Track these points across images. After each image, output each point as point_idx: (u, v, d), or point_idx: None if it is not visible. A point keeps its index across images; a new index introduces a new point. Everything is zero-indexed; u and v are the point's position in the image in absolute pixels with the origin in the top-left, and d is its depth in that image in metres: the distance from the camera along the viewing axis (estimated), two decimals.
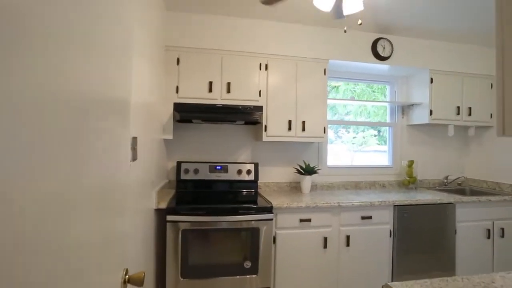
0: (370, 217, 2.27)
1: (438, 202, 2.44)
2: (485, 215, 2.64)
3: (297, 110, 2.48)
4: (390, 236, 2.34)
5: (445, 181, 3.18)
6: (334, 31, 2.60)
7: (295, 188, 2.77)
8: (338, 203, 2.19)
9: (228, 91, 2.35)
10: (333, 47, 2.59)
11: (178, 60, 2.31)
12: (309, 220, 2.15)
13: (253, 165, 2.59)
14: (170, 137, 2.32)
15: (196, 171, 2.49)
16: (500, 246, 2.68)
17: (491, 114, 3.06)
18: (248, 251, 2.00)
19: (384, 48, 2.64)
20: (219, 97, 2.35)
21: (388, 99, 3.08)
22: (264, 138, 2.42)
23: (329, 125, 2.85)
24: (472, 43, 2.96)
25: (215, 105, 2.31)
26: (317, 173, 2.59)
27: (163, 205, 1.95)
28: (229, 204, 2.13)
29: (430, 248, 2.43)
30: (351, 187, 2.93)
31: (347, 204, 2.21)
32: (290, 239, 2.12)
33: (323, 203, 2.16)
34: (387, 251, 2.33)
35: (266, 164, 2.74)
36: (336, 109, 3.06)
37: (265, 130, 2.42)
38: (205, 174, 2.51)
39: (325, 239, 2.17)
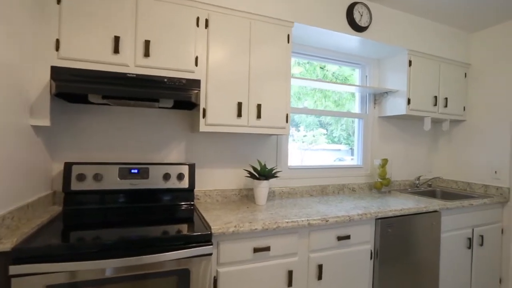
0: (348, 237, 1.67)
1: (424, 210, 1.96)
2: (467, 222, 2.26)
3: (251, 89, 1.76)
4: (371, 258, 1.78)
5: (417, 182, 2.78)
6: None
7: (247, 197, 2.06)
8: (307, 220, 1.53)
9: (147, 54, 1.53)
10: (299, 7, 1.93)
11: None
12: (267, 249, 1.45)
13: (187, 166, 1.81)
14: (46, 123, 1.42)
15: (97, 177, 1.62)
16: (479, 256, 2.33)
17: (464, 107, 2.74)
18: None
19: (361, 15, 2.07)
20: (131, 63, 1.52)
21: (357, 89, 2.53)
22: (202, 128, 1.65)
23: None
24: (451, 25, 2.57)
25: (124, 74, 1.47)
26: (276, 176, 1.92)
27: (8, 246, 1.06)
28: (140, 230, 1.31)
29: (414, 269, 1.94)
30: (317, 193, 2.33)
31: (319, 221, 1.57)
32: (239, 279, 1.40)
33: (287, 222, 1.49)
34: (367, 278, 1.76)
35: (206, 165, 1.97)
36: None
37: (204, 116, 1.65)
38: (112, 182, 1.65)
39: (290, 273, 1.51)
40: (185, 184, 1.78)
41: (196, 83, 1.60)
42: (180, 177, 1.77)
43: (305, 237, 1.57)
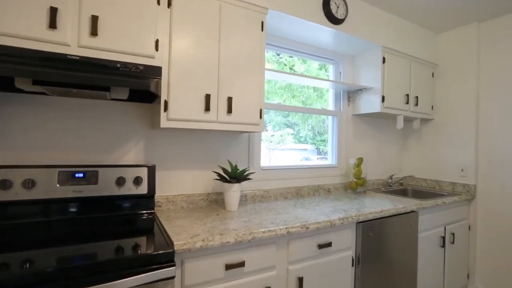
0: (329, 244, 1.53)
1: (403, 211, 1.89)
2: (440, 220, 2.25)
3: (220, 80, 1.55)
4: (353, 265, 1.65)
5: (390, 181, 2.76)
6: None
7: (216, 202, 1.84)
8: (286, 228, 1.36)
9: (94, 32, 1.25)
10: None
11: None
12: (241, 264, 1.25)
13: (146, 169, 1.55)
14: None
15: (28, 183, 1.30)
16: (450, 254, 2.34)
17: (432, 106, 2.77)
18: None
19: (338, 7, 1.96)
20: (73, 42, 1.22)
21: (331, 85, 2.41)
22: (164, 123, 1.40)
23: None
24: (420, 24, 2.58)
25: (64, 55, 1.18)
26: (249, 179, 1.73)
27: None
28: (83, 249, 1.03)
29: (394, 272, 1.86)
30: (292, 195, 2.18)
31: (299, 228, 1.40)
32: None
33: (264, 231, 1.30)
34: (348, 287, 1.63)
35: (169, 166, 1.72)
36: None
37: (166, 110, 1.41)
38: (49, 189, 1.34)
39: None
40: (143, 189, 1.52)
41: (156, 71, 1.35)
42: (137, 181, 1.50)
43: (284, 247, 1.39)
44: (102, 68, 1.23)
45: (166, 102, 1.40)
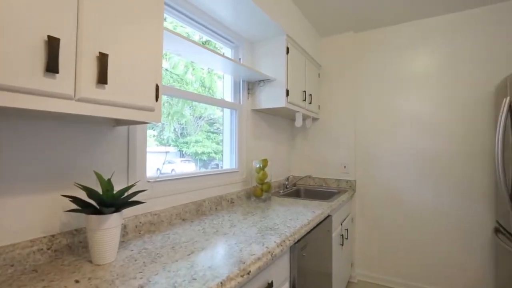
0: (271, 285, 1.06)
1: (322, 218, 1.68)
2: (340, 218, 2.23)
3: (84, 19, 0.79)
4: None
5: (287, 182, 2.60)
6: None
7: (70, 251, 1.01)
8: (221, 284, 0.79)
9: None
10: None
11: None
12: None
13: None
14: None
15: None
16: (345, 249, 2.39)
17: (319, 106, 2.83)
18: None
19: None
20: None
21: (230, 68, 1.97)
22: None
23: None
24: (312, 24, 2.55)
25: None
26: (139, 203, 1.02)
27: None
28: None
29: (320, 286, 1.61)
30: (191, 215, 1.58)
31: (239, 277, 0.86)
32: None
33: None
34: None
35: None
36: None
37: None
38: None
39: None
40: None
41: None
42: None
43: None
44: None
45: None
